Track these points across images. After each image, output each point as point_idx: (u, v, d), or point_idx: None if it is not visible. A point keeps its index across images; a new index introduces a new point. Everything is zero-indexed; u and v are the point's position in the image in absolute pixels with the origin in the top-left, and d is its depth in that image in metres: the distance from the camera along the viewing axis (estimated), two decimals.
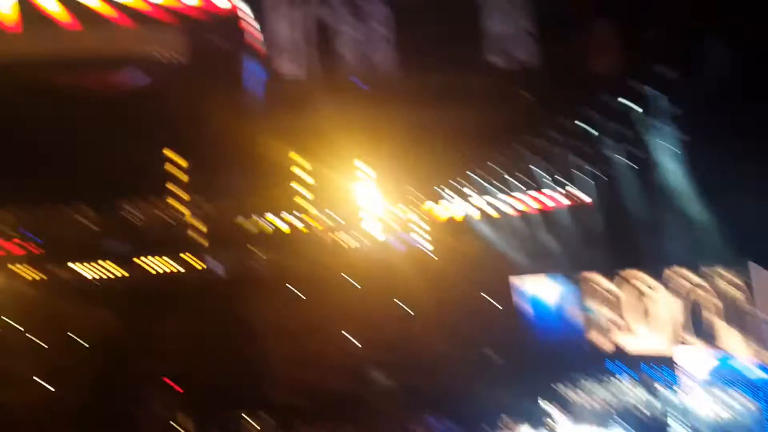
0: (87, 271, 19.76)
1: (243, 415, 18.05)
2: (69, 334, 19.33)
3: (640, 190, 16.14)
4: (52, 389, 18.55)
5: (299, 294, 20.55)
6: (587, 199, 18.43)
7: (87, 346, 19.35)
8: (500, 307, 20.42)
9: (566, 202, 18.75)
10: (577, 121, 16.24)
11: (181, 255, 19.01)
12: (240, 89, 14.77)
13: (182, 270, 19.67)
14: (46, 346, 19.26)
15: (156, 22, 11.75)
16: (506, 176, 18.66)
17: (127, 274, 19.88)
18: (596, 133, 16.21)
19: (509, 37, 16.04)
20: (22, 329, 19.29)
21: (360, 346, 21.21)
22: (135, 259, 19.32)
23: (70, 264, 19.45)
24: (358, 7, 16.15)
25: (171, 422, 18.61)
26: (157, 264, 19.65)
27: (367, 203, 18.87)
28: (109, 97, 14.07)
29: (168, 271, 19.82)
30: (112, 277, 19.96)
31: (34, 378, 18.23)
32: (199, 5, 11.68)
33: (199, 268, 19.36)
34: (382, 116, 16.26)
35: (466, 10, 16.08)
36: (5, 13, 10.96)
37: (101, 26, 11.58)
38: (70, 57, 11.66)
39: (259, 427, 18.29)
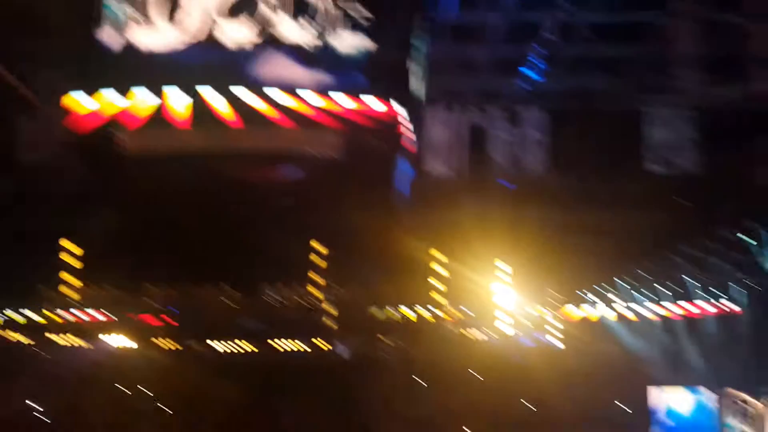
0: (221, 346, 20.05)
1: None
2: (195, 402, 19.45)
3: None
4: None
5: (422, 383, 19.74)
6: (736, 309, 16.74)
7: (209, 414, 19.24)
8: (632, 416, 18.78)
9: (713, 310, 17.13)
10: (733, 231, 14.87)
11: (312, 338, 19.11)
12: (389, 187, 14.40)
13: (310, 351, 19.62)
14: (172, 413, 19.41)
15: (315, 124, 11.69)
16: (651, 282, 17.30)
17: (257, 350, 19.97)
18: (754, 244, 14.71)
19: (668, 145, 15.18)
20: (152, 395, 19.45)
21: None
22: (268, 340, 18.96)
23: (207, 339, 19.69)
24: (514, 112, 15.81)
25: None
26: (288, 345, 19.70)
27: (500, 299, 17.96)
28: (265, 189, 14.02)
29: (297, 350, 19.83)
30: (243, 352, 20.20)
31: None
32: (358, 108, 11.52)
33: (327, 350, 18.83)
34: (527, 217, 15.63)
35: (622, 117, 15.42)
36: (179, 111, 11.28)
37: (265, 126, 11.66)
38: (232, 152, 11.71)
39: None
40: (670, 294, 17.61)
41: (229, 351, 20.12)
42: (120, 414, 18.80)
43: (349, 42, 11.53)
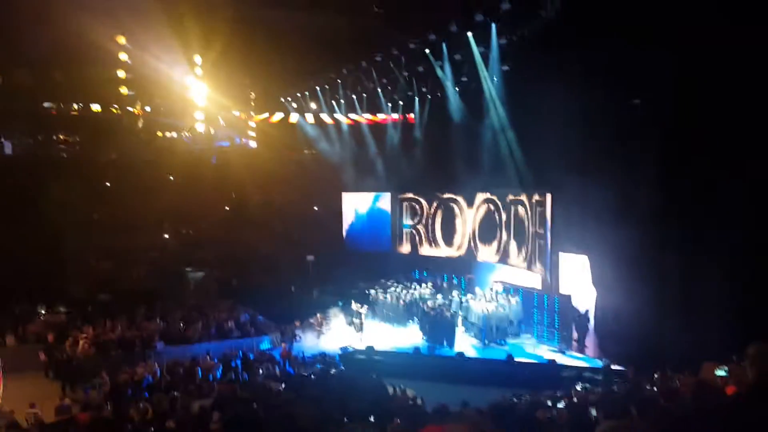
0: None
1: (40, 307, 15.70)
2: None
3: (465, 116, 16.44)
4: None
5: (107, 184, 18.31)
6: (415, 119, 18.34)
7: None
8: (322, 215, 20.18)
9: (395, 117, 18.52)
10: (417, 43, 15.65)
11: None
12: None
13: None
14: None
15: None
16: (343, 88, 17.82)
17: None
18: (431, 57, 15.77)
19: None
20: None
21: (169, 238, 19.73)
22: None
23: None
24: None
25: None
26: None
27: (194, 97, 16.98)
28: None
29: None
30: None
31: None
32: None
33: None
34: (224, 11, 14.40)
35: None
36: None
37: None
38: None
39: (56, 319, 16.04)
40: (359, 102, 18.45)
41: None
42: None
43: None
